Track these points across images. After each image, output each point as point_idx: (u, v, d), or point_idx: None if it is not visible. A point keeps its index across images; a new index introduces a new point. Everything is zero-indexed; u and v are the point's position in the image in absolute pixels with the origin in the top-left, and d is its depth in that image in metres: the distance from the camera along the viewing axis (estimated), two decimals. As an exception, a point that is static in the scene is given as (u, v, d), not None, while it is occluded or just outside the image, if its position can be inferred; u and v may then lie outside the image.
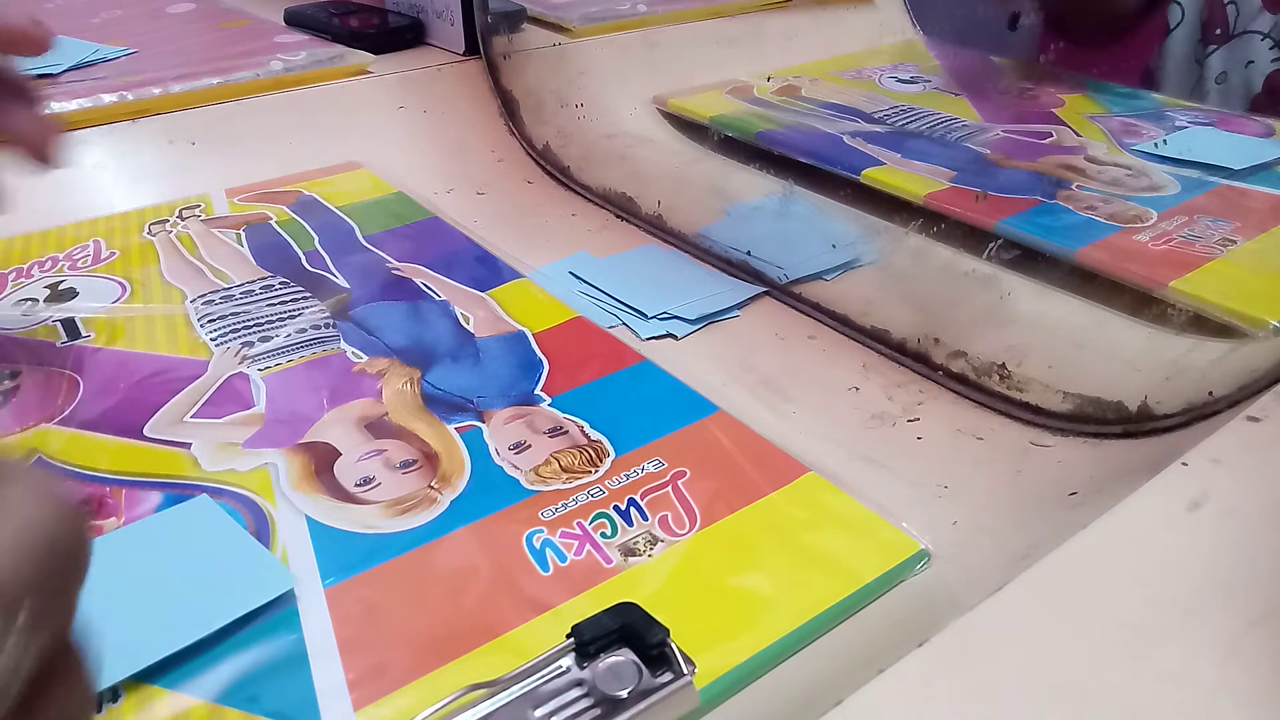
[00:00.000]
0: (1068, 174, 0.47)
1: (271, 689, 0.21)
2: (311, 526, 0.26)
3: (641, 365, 0.34)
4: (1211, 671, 0.18)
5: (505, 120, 0.57)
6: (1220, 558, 0.21)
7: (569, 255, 0.43)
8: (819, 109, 0.57)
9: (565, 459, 0.29)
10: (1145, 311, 0.36)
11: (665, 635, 0.20)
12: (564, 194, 0.51)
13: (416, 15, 0.65)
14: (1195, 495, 0.22)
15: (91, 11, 0.70)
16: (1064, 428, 0.31)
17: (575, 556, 0.25)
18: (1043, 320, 0.36)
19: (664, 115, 0.58)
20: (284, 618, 0.23)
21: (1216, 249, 0.39)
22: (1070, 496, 0.27)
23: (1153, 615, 0.19)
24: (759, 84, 0.61)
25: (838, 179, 0.48)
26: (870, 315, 0.37)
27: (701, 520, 0.26)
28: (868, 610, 0.24)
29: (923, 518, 0.26)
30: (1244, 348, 0.33)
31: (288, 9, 0.68)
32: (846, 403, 0.33)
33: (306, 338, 0.36)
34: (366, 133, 0.54)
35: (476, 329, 0.36)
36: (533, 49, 0.60)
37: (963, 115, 0.56)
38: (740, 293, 0.39)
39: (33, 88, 0.27)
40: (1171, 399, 0.30)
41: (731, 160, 0.52)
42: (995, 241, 0.40)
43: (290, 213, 0.46)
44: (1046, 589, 0.20)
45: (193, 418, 0.31)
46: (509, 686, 0.20)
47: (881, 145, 0.51)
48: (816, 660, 0.23)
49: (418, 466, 0.29)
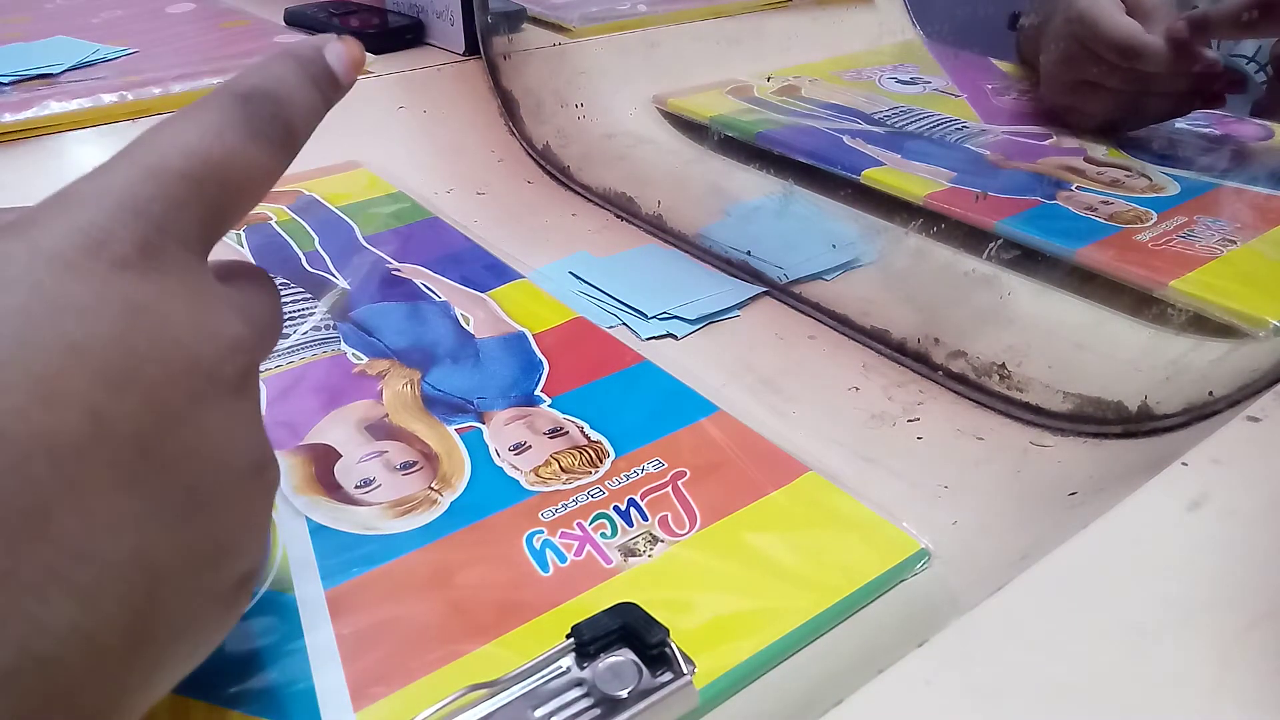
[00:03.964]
0: (1067, 175, 0.47)
1: (272, 690, 0.21)
2: (312, 528, 0.26)
3: (641, 365, 0.34)
4: (1211, 671, 0.18)
5: (505, 120, 0.57)
6: (1220, 558, 0.21)
7: (569, 255, 0.43)
8: (819, 109, 0.57)
9: (565, 460, 0.29)
10: (1145, 311, 0.36)
11: (665, 635, 0.20)
12: (564, 194, 0.51)
13: (416, 15, 0.65)
14: (1195, 495, 0.22)
15: (91, 11, 0.70)
16: (1064, 428, 0.31)
17: (575, 557, 0.25)
18: (1043, 320, 0.36)
19: (664, 115, 0.58)
20: (284, 619, 0.23)
21: (1216, 249, 0.39)
22: (1070, 496, 0.27)
23: (1153, 615, 0.19)
24: (759, 84, 0.61)
25: (838, 179, 0.48)
26: (870, 315, 0.37)
27: (702, 520, 0.26)
28: (868, 610, 0.24)
29: (923, 518, 0.26)
30: (1244, 348, 0.33)
31: (288, 9, 0.68)
32: (846, 403, 0.33)
33: (306, 339, 0.36)
34: (366, 132, 0.54)
35: (476, 330, 0.36)
36: (533, 49, 0.60)
37: (963, 116, 0.56)
38: (740, 293, 0.39)
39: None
40: (1171, 399, 0.30)
41: (731, 160, 0.52)
42: (995, 242, 0.40)
43: (290, 213, 0.46)
44: (1046, 589, 0.20)
45: (193, 418, 0.31)
46: (509, 686, 0.20)
47: (881, 146, 0.51)
48: (816, 660, 0.23)
49: (418, 468, 0.29)
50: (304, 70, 0.20)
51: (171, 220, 0.16)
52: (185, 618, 0.16)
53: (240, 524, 0.17)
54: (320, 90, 0.20)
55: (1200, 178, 0.46)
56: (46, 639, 0.13)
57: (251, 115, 0.18)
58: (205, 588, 0.17)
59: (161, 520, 0.15)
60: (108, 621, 0.14)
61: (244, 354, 0.17)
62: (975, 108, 0.57)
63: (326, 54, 0.21)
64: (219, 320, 0.17)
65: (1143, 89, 0.48)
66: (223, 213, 0.18)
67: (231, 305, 0.18)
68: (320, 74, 0.20)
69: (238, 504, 0.17)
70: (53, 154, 0.48)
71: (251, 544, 0.18)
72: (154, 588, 0.15)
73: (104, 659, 0.14)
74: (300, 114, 0.19)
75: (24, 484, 0.13)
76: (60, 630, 0.14)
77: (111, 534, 0.14)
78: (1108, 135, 0.51)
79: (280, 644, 0.23)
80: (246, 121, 0.18)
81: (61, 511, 0.14)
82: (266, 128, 0.18)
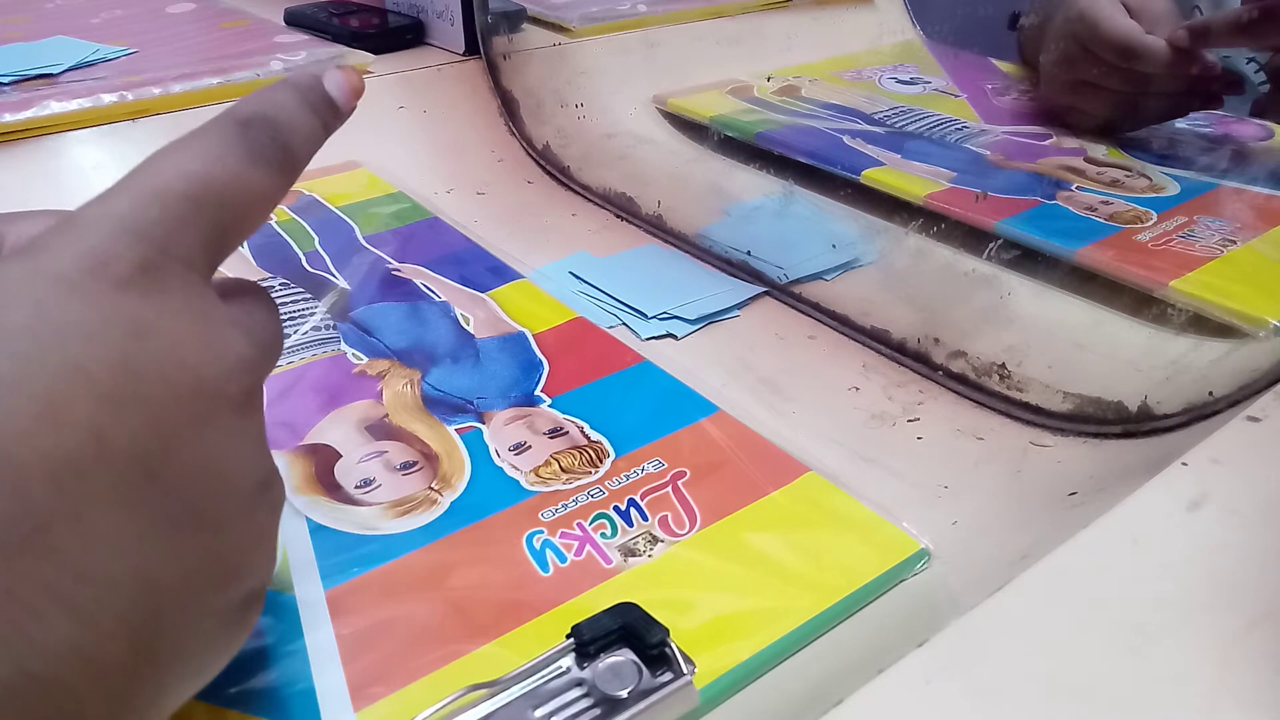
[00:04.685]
0: (1067, 175, 0.47)
1: (272, 690, 0.21)
2: (312, 528, 0.26)
3: (641, 365, 0.34)
4: (1211, 671, 0.18)
5: (505, 120, 0.57)
6: (1220, 558, 0.21)
7: (569, 255, 0.43)
8: (819, 109, 0.57)
9: (565, 460, 0.29)
10: (1145, 311, 0.36)
11: (665, 635, 0.20)
12: (564, 194, 0.51)
13: (416, 15, 0.65)
14: (1195, 495, 0.22)
15: (91, 11, 0.70)
16: (1064, 428, 0.31)
17: (575, 557, 0.25)
18: (1043, 320, 0.36)
19: (664, 115, 0.58)
20: (284, 619, 0.23)
21: (1216, 249, 0.39)
22: (1070, 496, 0.27)
23: (1152, 615, 0.19)
24: (759, 84, 0.61)
25: (838, 179, 0.48)
26: (870, 315, 0.37)
27: (701, 520, 0.26)
28: (868, 610, 0.24)
29: (923, 518, 0.26)
30: (1244, 348, 0.33)
31: (288, 9, 0.68)
32: (846, 403, 0.33)
33: (307, 339, 0.36)
34: (366, 132, 0.53)
35: (476, 330, 0.36)
36: (533, 49, 0.60)
37: (963, 116, 0.56)
38: (740, 293, 0.39)
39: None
40: (1171, 399, 0.30)
41: (731, 160, 0.52)
42: (995, 242, 0.41)
43: (290, 212, 0.46)
44: (1046, 589, 0.20)
45: (193, 418, 0.31)
46: (509, 686, 0.20)
47: (881, 146, 0.51)
48: (816, 660, 0.23)
49: (418, 468, 0.29)
50: (303, 97, 0.20)
51: (174, 241, 0.17)
52: (190, 637, 0.16)
53: (247, 543, 0.17)
54: (319, 116, 0.21)
55: (1200, 178, 0.46)
56: (45, 658, 0.13)
57: (251, 140, 0.19)
58: (211, 607, 0.17)
59: (166, 540, 0.15)
60: (109, 641, 0.14)
61: (248, 373, 0.17)
62: (975, 108, 0.58)
63: (325, 81, 0.21)
64: (223, 340, 0.17)
65: (1141, 89, 0.48)
66: (225, 234, 0.18)
67: (235, 324, 0.18)
68: (319, 101, 0.21)
69: (244, 523, 0.17)
70: (53, 154, 0.48)
71: (259, 562, 0.18)
72: (157, 608, 0.15)
73: (105, 679, 0.14)
74: (299, 139, 0.20)
75: (24, 504, 0.13)
76: (59, 649, 0.14)
77: (113, 554, 0.14)
78: (1106, 135, 0.51)
79: (280, 644, 0.23)
80: (246, 146, 0.18)
81: (62, 531, 0.14)
82: (266, 151, 0.19)
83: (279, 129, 0.19)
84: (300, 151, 0.20)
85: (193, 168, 0.17)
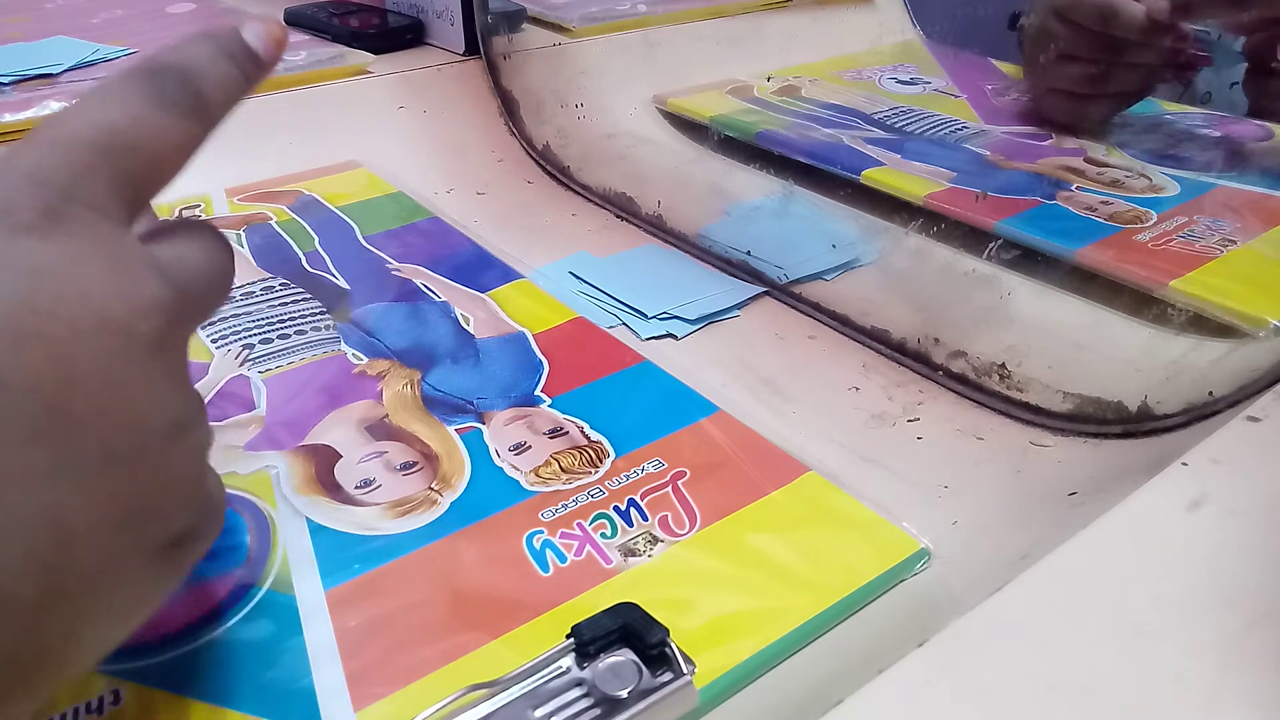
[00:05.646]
0: (1067, 175, 0.47)
1: (271, 689, 0.21)
2: (312, 528, 0.26)
3: (641, 365, 0.34)
4: (1211, 671, 0.18)
5: (505, 120, 0.57)
6: (1220, 558, 0.21)
7: (569, 255, 0.43)
8: (819, 109, 0.57)
9: (565, 460, 0.29)
10: (1145, 311, 0.36)
11: (665, 635, 0.20)
12: (564, 194, 0.51)
13: (416, 15, 0.65)
14: (1195, 495, 0.22)
15: (91, 11, 0.70)
16: (1064, 428, 0.31)
17: (575, 557, 0.25)
18: (1043, 320, 0.36)
19: (664, 115, 0.58)
20: (284, 619, 0.23)
21: (1216, 249, 0.39)
22: (1070, 496, 0.27)
23: (1152, 615, 0.19)
24: (759, 84, 0.61)
25: (838, 179, 0.48)
26: (870, 315, 0.37)
27: (701, 520, 0.26)
28: (868, 610, 0.24)
29: (923, 518, 0.26)
30: (1244, 348, 0.33)
31: (288, 9, 0.68)
32: (846, 403, 0.33)
33: (307, 340, 0.36)
34: (366, 133, 0.54)
35: (476, 330, 0.36)
36: (533, 49, 0.60)
37: (963, 117, 0.56)
38: (740, 293, 0.39)
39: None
40: (1171, 399, 0.30)
41: (731, 160, 0.52)
42: (995, 242, 0.41)
43: (290, 213, 0.46)
44: (1046, 589, 0.20)
45: (193, 418, 0.31)
46: (509, 686, 0.20)
47: (881, 146, 0.51)
48: (816, 660, 0.23)
49: (418, 468, 0.29)
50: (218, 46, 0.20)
51: (79, 187, 0.17)
52: (104, 575, 0.16)
53: (162, 484, 0.17)
54: (237, 64, 0.21)
55: (1200, 178, 0.46)
56: None
57: (158, 87, 0.19)
58: (127, 546, 0.17)
59: (73, 477, 0.15)
60: (14, 575, 0.15)
61: (160, 312, 0.17)
62: (975, 108, 0.58)
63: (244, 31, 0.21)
64: (135, 280, 0.17)
65: (1117, 58, 0.49)
66: (135, 178, 0.18)
67: (151, 266, 0.18)
68: (237, 50, 0.21)
69: (157, 463, 0.17)
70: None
71: (178, 505, 0.18)
72: (65, 543, 0.15)
73: (14, 614, 0.15)
74: (212, 84, 0.20)
75: None
76: None
77: (17, 488, 0.15)
78: (1083, 119, 0.51)
79: (280, 643, 0.23)
80: (153, 92, 0.19)
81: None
82: (175, 97, 0.19)
83: (189, 76, 0.19)
84: (214, 97, 0.20)
85: (97, 117, 0.18)
